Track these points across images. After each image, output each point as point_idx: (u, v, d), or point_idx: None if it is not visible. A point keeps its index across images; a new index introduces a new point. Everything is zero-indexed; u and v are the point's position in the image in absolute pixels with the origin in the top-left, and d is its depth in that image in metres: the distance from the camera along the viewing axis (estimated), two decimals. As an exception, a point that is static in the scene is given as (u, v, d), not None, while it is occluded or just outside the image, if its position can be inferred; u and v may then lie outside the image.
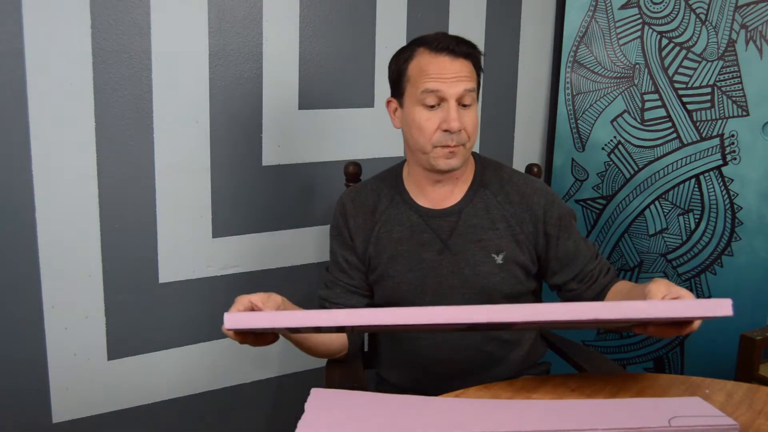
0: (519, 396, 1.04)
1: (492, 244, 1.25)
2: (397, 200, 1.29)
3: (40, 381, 1.51)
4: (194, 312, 1.67)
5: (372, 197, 1.31)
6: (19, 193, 1.42)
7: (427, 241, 1.26)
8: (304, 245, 1.79)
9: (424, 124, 1.19)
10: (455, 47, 1.18)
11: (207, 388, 1.72)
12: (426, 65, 1.19)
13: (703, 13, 1.87)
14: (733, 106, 1.87)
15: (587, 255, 1.28)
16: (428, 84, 1.17)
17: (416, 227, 1.27)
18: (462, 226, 1.26)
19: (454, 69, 1.17)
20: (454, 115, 1.16)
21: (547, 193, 1.28)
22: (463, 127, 1.18)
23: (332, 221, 1.33)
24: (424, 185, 1.27)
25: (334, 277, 1.32)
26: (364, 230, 1.29)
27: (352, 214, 1.30)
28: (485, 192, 1.28)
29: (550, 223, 1.26)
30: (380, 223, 1.29)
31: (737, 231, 1.90)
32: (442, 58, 1.18)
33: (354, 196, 1.32)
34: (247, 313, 0.92)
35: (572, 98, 2.03)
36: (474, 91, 1.20)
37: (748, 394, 1.05)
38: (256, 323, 0.92)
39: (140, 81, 1.51)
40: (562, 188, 2.08)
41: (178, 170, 1.58)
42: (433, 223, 1.27)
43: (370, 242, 1.29)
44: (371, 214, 1.30)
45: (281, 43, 1.66)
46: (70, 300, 1.51)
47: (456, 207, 1.27)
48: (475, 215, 1.26)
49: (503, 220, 1.26)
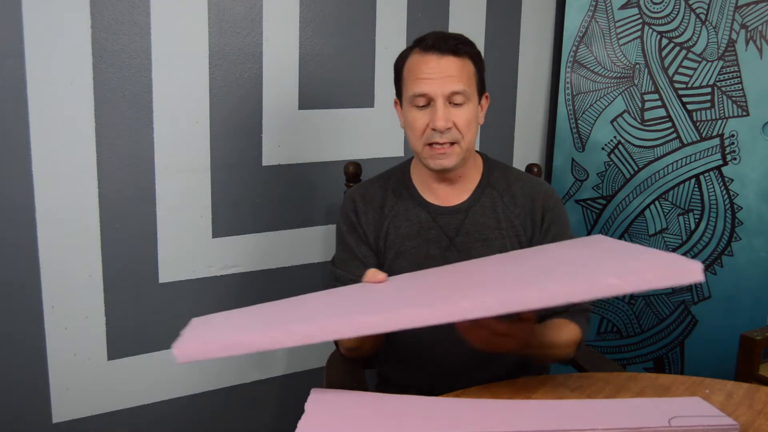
0: (519, 396, 1.04)
1: (497, 243, 1.26)
2: (405, 196, 1.30)
3: (40, 381, 1.51)
4: (194, 312, 1.65)
5: (380, 194, 1.31)
6: (19, 193, 1.42)
7: (433, 237, 1.27)
8: (304, 245, 1.79)
9: (415, 123, 1.20)
10: (442, 44, 1.18)
11: (207, 388, 1.72)
12: (415, 65, 1.20)
13: (703, 13, 1.87)
14: (733, 106, 1.87)
15: None
16: (416, 87, 1.19)
17: (424, 223, 1.28)
18: (468, 224, 1.27)
19: (442, 67, 1.18)
20: (440, 114, 1.17)
21: (551, 198, 1.29)
22: (453, 125, 1.18)
23: (343, 218, 1.32)
24: (430, 182, 1.29)
25: (348, 271, 1.28)
26: (375, 226, 1.30)
27: (363, 211, 1.30)
28: (492, 192, 1.29)
29: (546, 228, 1.27)
30: (389, 219, 1.29)
31: (737, 231, 1.90)
32: (429, 56, 1.19)
33: (363, 193, 1.32)
34: (199, 344, 0.88)
35: (572, 98, 2.03)
36: (463, 91, 1.18)
37: (748, 394, 1.05)
38: (210, 353, 0.88)
39: (140, 81, 1.51)
40: (562, 188, 2.08)
41: (178, 170, 1.58)
42: (441, 220, 1.27)
43: (380, 237, 1.29)
44: (380, 209, 1.30)
45: (281, 43, 1.66)
46: (70, 300, 1.51)
47: (464, 205, 1.28)
48: (482, 214, 1.27)
49: (508, 221, 1.27)
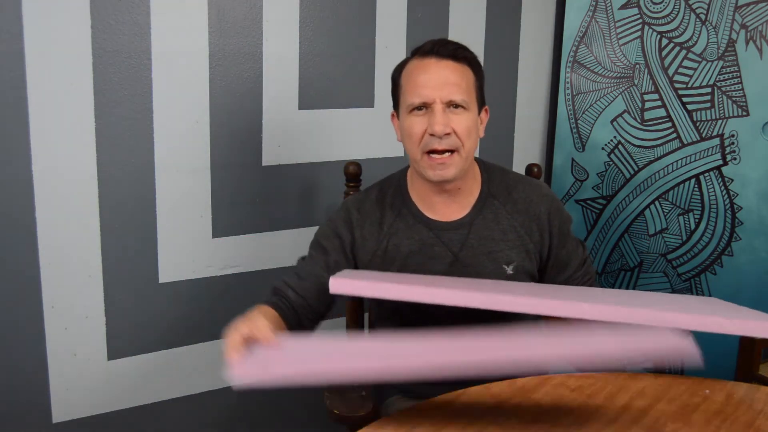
0: (519, 396, 1.04)
1: (503, 255, 1.24)
2: (404, 213, 1.26)
3: (40, 381, 1.51)
4: (194, 312, 1.66)
5: (378, 209, 1.27)
6: (19, 193, 1.42)
7: (437, 254, 1.24)
8: (304, 245, 1.77)
9: (412, 130, 1.16)
10: (440, 48, 1.17)
11: (207, 388, 1.72)
12: (413, 71, 1.18)
13: (703, 13, 1.87)
14: (733, 106, 1.86)
15: (575, 263, 1.30)
16: (414, 93, 1.16)
17: (426, 241, 1.24)
18: (473, 238, 1.24)
19: (440, 72, 1.15)
20: (438, 118, 1.13)
21: (552, 200, 1.28)
22: (452, 131, 1.14)
23: (331, 223, 1.28)
24: (429, 196, 1.24)
25: (313, 272, 1.24)
26: (370, 243, 1.25)
27: (358, 225, 1.26)
28: (494, 202, 1.26)
29: (552, 231, 1.26)
30: (388, 237, 1.25)
31: (737, 231, 1.90)
32: (427, 61, 1.17)
33: (359, 206, 1.28)
34: (259, 366, 0.87)
35: (572, 98, 2.03)
36: (462, 101, 1.16)
37: (748, 394, 1.05)
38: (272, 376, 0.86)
39: (140, 81, 1.51)
40: (562, 188, 2.08)
41: (178, 170, 1.58)
42: (444, 236, 1.24)
43: (375, 256, 1.25)
44: (378, 226, 1.26)
45: (281, 43, 1.66)
46: (70, 300, 1.51)
47: (466, 219, 1.25)
48: (486, 227, 1.25)
49: (512, 230, 1.25)
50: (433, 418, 0.98)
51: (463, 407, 1.02)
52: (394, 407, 1.30)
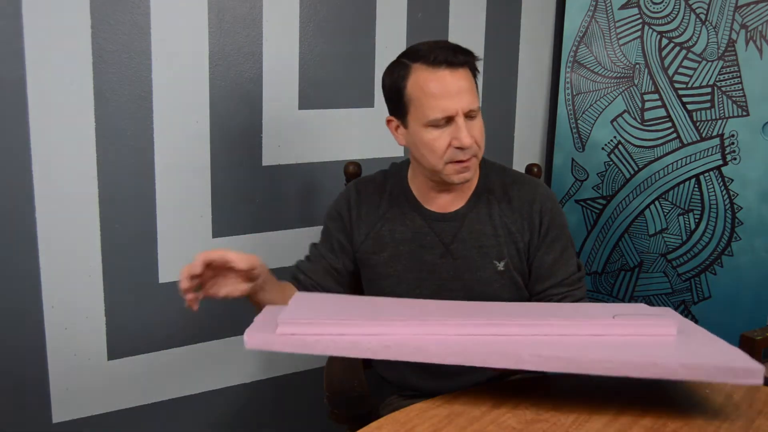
0: (519, 396, 1.04)
1: (494, 250, 1.24)
2: (401, 200, 1.29)
3: (40, 381, 1.51)
4: (194, 312, 1.66)
5: (377, 193, 1.31)
6: (19, 193, 1.42)
7: (429, 243, 1.26)
8: (304, 245, 1.78)
9: (435, 143, 1.16)
10: (453, 58, 1.14)
11: (207, 388, 1.72)
12: (426, 83, 1.14)
13: (703, 13, 1.87)
14: (733, 106, 1.86)
15: (558, 277, 1.24)
16: (436, 109, 1.14)
17: (419, 229, 1.27)
18: (465, 231, 1.25)
19: (456, 82, 1.14)
20: (465, 132, 1.14)
21: (546, 200, 1.26)
22: (474, 140, 1.16)
23: (335, 203, 1.34)
24: (430, 191, 1.27)
25: (321, 254, 1.32)
26: (366, 224, 1.30)
27: (355, 205, 1.31)
28: (489, 197, 1.27)
29: (541, 232, 1.25)
30: (383, 221, 1.29)
31: (737, 231, 1.90)
32: (441, 72, 1.14)
33: (361, 188, 1.33)
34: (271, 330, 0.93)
35: (572, 98, 2.03)
36: (477, 105, 1.17)
37: (748, 394, 1.05)
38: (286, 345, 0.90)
39: (140, 81, 1.51)
40: (562, 188, 2.08)
41: (178, 170, 1.58)
42: (437, 226, 1.26)
43: (369, 237, 1.29)
44: (375, 209, 1.30)
45: (281, 43, 1.66)
46: (70, 300, 1.51)
47: (460, 212, 1.26)
48: (479, 221, 1.25)
49: (505, 227, 1.25)
50: (433, 418, 0.98)
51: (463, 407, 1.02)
52: (394, 407, 1.30)
